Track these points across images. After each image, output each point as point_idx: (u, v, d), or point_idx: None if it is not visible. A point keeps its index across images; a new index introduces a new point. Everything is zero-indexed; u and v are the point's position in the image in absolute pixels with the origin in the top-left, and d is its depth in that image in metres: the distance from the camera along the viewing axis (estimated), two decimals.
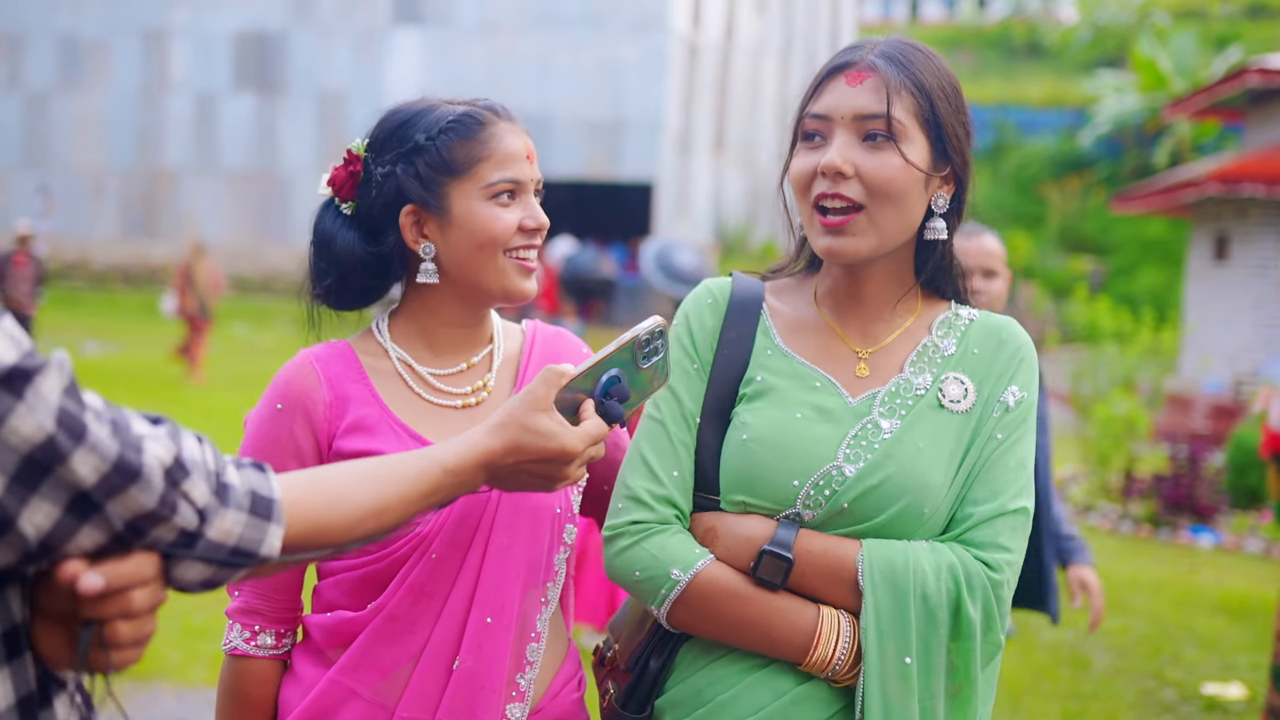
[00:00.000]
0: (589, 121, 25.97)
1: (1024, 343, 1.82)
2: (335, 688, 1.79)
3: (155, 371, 15.70)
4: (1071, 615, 7.31)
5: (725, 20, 28.98)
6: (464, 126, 1.80)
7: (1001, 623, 1.68)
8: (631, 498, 1.75)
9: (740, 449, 1.74)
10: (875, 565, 1.66)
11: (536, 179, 1.84)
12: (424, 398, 1.85)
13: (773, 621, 1.69)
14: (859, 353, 1.80)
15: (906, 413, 1.75)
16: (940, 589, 1.65)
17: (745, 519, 1.73)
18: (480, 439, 1.50)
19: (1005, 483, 1.72)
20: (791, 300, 1.87)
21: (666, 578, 1.70)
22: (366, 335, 1.91)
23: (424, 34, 26.90)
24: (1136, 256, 30.97)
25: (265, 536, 1.26)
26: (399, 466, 1.46)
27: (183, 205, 28.17)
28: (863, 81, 1.71)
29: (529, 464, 1.50)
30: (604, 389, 1.54)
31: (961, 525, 1.71)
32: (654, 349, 1.57)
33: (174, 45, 28.29)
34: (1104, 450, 10.97)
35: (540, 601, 1.85)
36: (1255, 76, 15.99)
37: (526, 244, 1.82)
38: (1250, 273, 16.34)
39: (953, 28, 49.57)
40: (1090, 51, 42.49)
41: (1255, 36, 38.04)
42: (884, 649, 1.65)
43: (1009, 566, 1.68)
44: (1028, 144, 35.73)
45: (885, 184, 1.69)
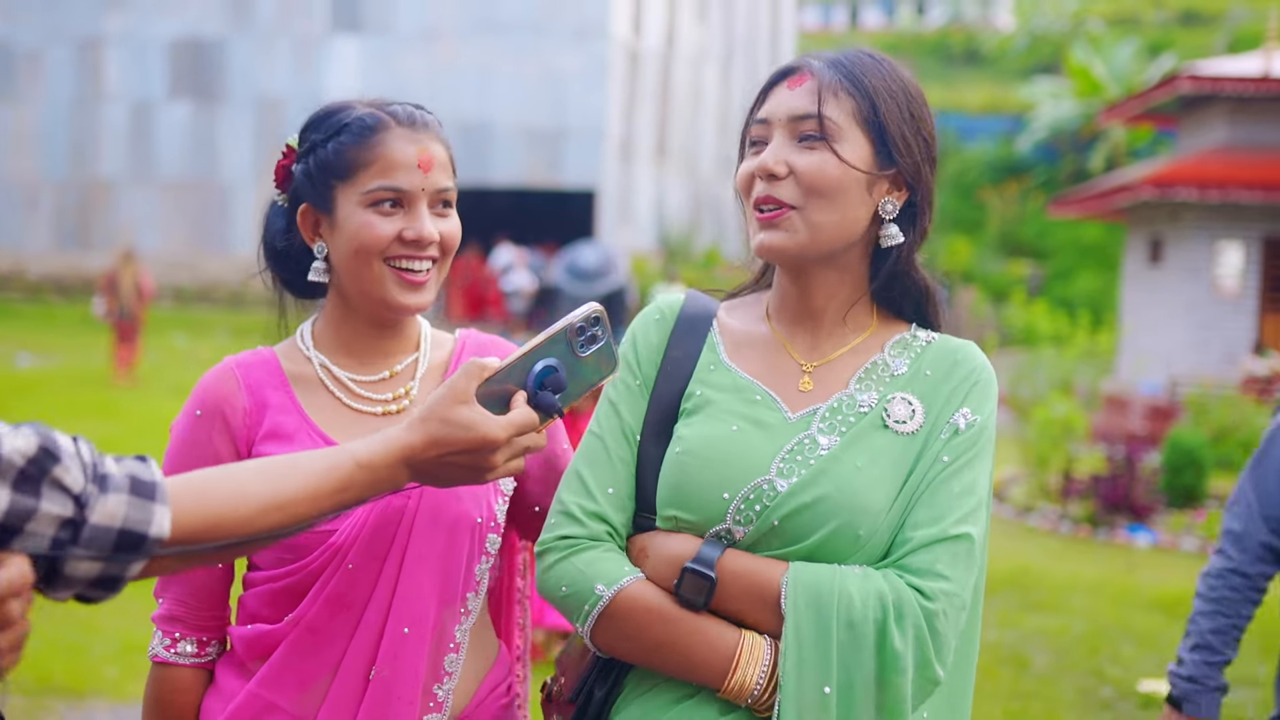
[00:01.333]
0: (530, 129, 25.94)
1: (980, 365, 1.75)
2: (255, 700, 1.77)
3: (91, 383, 15.47)
4: (1012, 615, 7.38)
5: (666, 28, 29.06)
6: (355, 130, 1.77)
7: (939, 656, 1.59)
8: (564, 513, 1.72)
9: (674, 462, 1.71)
10: (799, 587, 1.60)
11: (435, 189, 1.78)
12: (345, 404, 1.83)
13: (692, 643, 1.64)
14: (804, 365, 1.76)
15: (847, 430, 1.69)
16: (866, 616, 1.57)
17: (673, 537, 1.69)
18: (398, 434, 1.48)
19: (948, 507, 1.63)
20: (743, 315, 1.84)
21: (591, 593, 1.66)
22: (291, 342, 1.89)
23: (363, 42, 26.75)
24: (1074, 260, 31.42)
25: (152, 516, 1.25)
26: (306, 460, 1.44)
27: (119, 215, 27.79)
28: (801, 84, 1.72)
29: (452, 456, 1.47)
30: (538, 380, 1.50)
31: (899, 551, 1.63)
32: (592, 336, 1.52)
33: (108, 53, 27.92)
34: (1042, 452, 11.10)
35: (459, 612, 1.82)
36: (1187, 83, 16.27)
37: (408, 255, 1.76)
38: (1184, 275, 16.61)
39: (892, 35, 50.04)
40: (1027, 58, 43.09)
41: (1188, 43, 38.74)
42: (803, 676, 1.58)
43: (945, 596, 1.59)
44: (967, 150, 36.16)
45: (817, 181, 1.67)
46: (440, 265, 1.81)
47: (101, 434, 11.92)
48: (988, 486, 1.69)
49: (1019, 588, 8.01)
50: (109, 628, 6.02)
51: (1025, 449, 11.50)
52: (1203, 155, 16.97)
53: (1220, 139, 16.86)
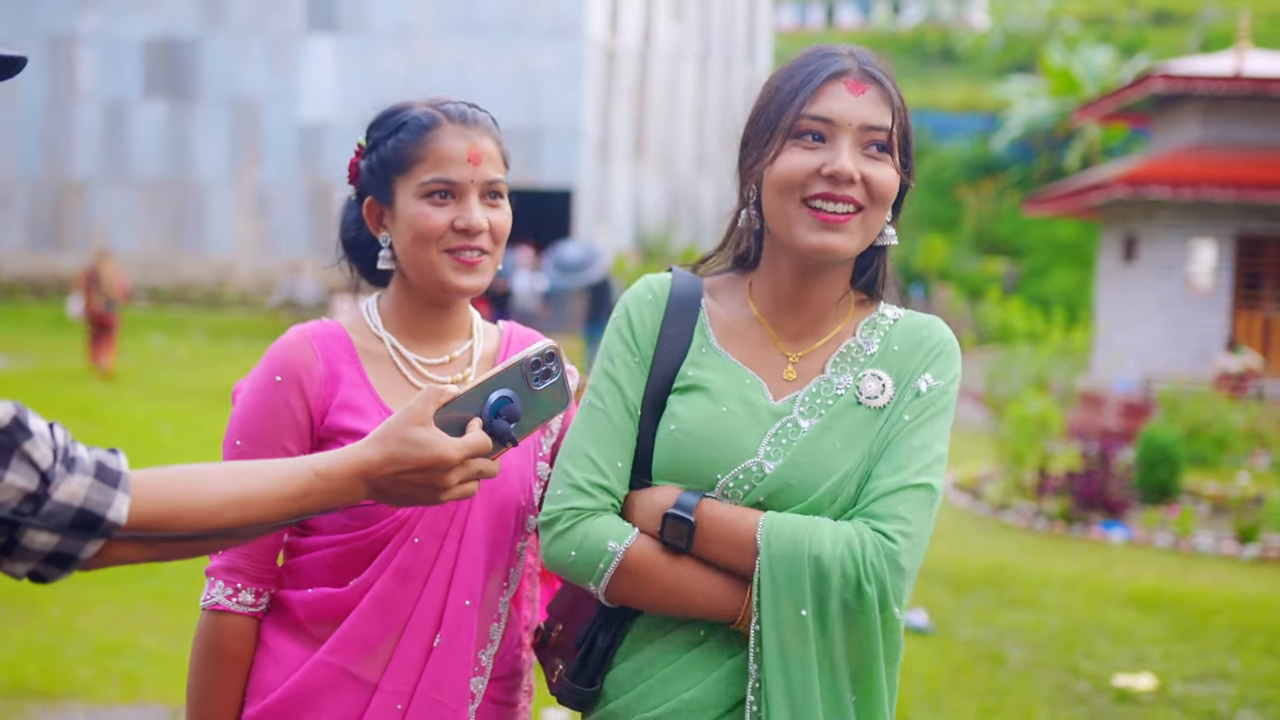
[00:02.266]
0: (507, 128, 24.95)
1: (945, 337, 1.88)
2: (323, 668, 1.86)
3: (67, 383, 15.39)
4: (987, 612, 7.42)
5: (643, 27, 29.07)
6: (411, 128, 1.92)
7: (897, 595, 1.71)
8: (573, 485, 1.82)
9: (669, 438, 1.82)
10: (772, 529, 1.73)
11: (484, 180, 1.91)
12: (412, 383, 1.95)
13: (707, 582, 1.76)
14: (789, 356, 1.87)
15: (826, 412, 1.81)
16: (834, 555, 1.69)
17: (657, 490, 1.81)
18: (356, 449, 1.52)
19: (909, 459, 1.77)
20: (727, 302, 1.92)
21: (604, 551, 1.77)
22: (358, 319, 2.01)
23: (339, 41, 26.67)
24: (1049, 258, 31.58)
25: (112, 501, 1.31)
26: (267, 465, 1.50)
27: (93, 215, 27.64)
28: (864, 92, 1.79)
29: (407, 474, 1.51)
30: (493, 409, 1.54)
31: (864, 500, 1.76)
32: (547, 371, 1.57)
33: (82, 52, 27.76)
34: (1018, 449, 11.15)
35: (503, 585, 1.98)
36: (1160, 82, 16.39)
37: (463, 244, 1.90)
38: (1158, 273, 16.73)
39: (868, 34, 50.18)
40: (1002, 57, 43.30)
41: (1161, 43, 39.01)
42: (779, 602, 1.70)
43: (905, 537, 1.72)
44: (943, 148, 36.32)
45: (885, 192, 1.78)
46: (493, 252, 1.94)
47: (79, 434, 11.79)
48: (946, 445, 1.82)
49: (994, 584, 8.05)
50: (83, 629, 6.00)
51: (1001, 446, 11.55)
52: (1175, 154, 17.09)
53: (1193, 137, 16.98)
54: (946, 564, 8.35)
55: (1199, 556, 9.44)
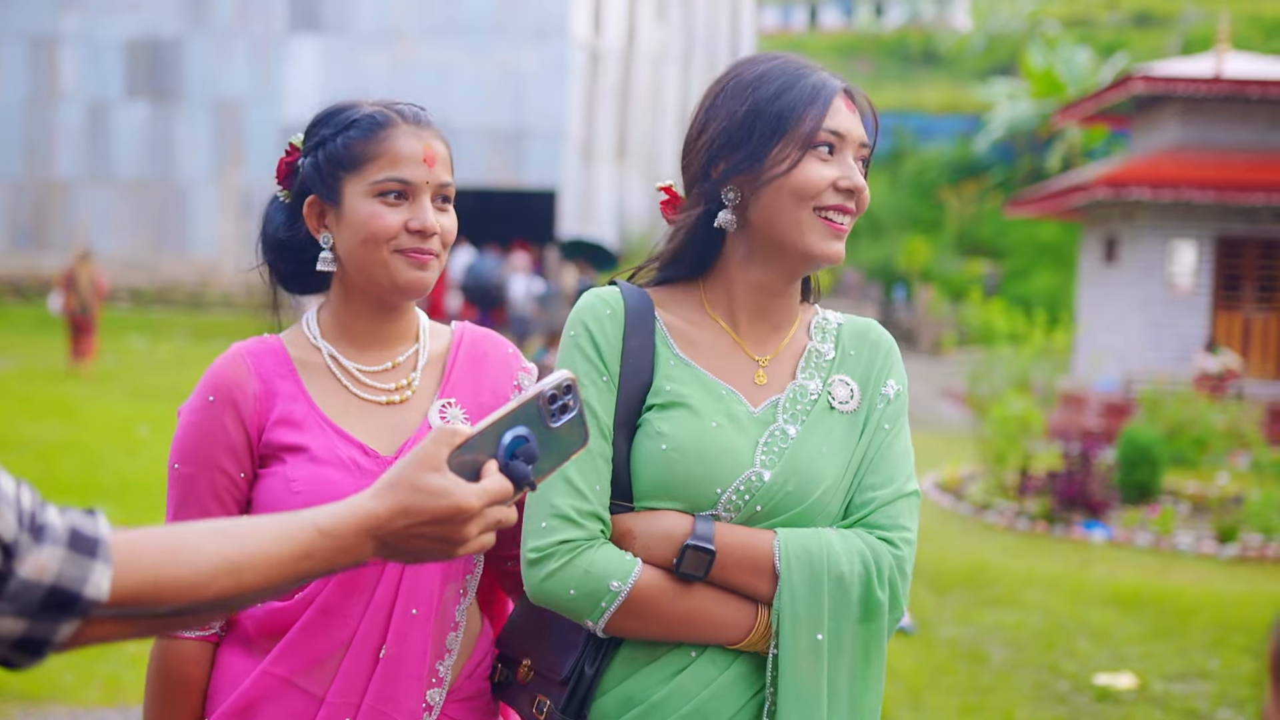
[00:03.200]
0: (491, 129, 25.89)
1: (890, 340, 1.97)
2: (267, 678, 1.83)
3: (49, 384, 15.33)
4: (969, 611, 7.46)
5: (626, 28, 29.09)
6: (364, 126, 1.88)
7: (905, 598, 1.81)
8: (559, 516, 1.76)
9: (660, 458, 1.79)
10: (790, 550, 1.76)
11: (438, 183, 1.88)
12: (352, 392, 1.91)
13: (716, 609, 1.77)
14: (757, 360, 1.88)
15: (807, 417, 1.85)
16: (853, 572, 1.76)
17: (661, 516, 1.79)
18: (363, 501, 1.34)
19: (897, 468, 1.85)
20: (681, 311, 1.91)
21: (605, 590, 1.73)
22: (297, 330, 1.97)
23: (323, 41, 26.62)
24: (1030, 259, 31.69)
25: (89, 575, 1.14)
26: (264, 523, 1.32)
27: (75, 216, 27.51)
28: (855, 110, 1.88)
29: (421, 526, 1.34)
30: (509, 450, 1.38)
31: (863, 510, 1.83)
32: (564, 405, 1.42)
33: (64, 52, 27.63)
34: (1000, 449, 11.20)
35: (460, 592, 1.92)
36: (1140, 83, 16.47)
37: (415, 246, 1.86)
38: (1138, 274, 16.81)
39: (851, 35, 50.30)
40: (984, 59, 43.43)
41: (1142, 45, 39.17)
42: (798, 627, 1.74)
43: (908, 544, 1.82)
44: (925, 150, 36.40)
45: (867, 203, 1.88)
46: (441, 257, 1.90)
47: (60, 435, 11.80)
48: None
49: (975, 584, 8.09)
50: None
51: (982, 446, 11.60)
52: (1156, 155, 17.18)
53: (1173, 139, 17.07)
54: (928, 564, 8.38)
55: (1179, 556, 9.50)
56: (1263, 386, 15.97)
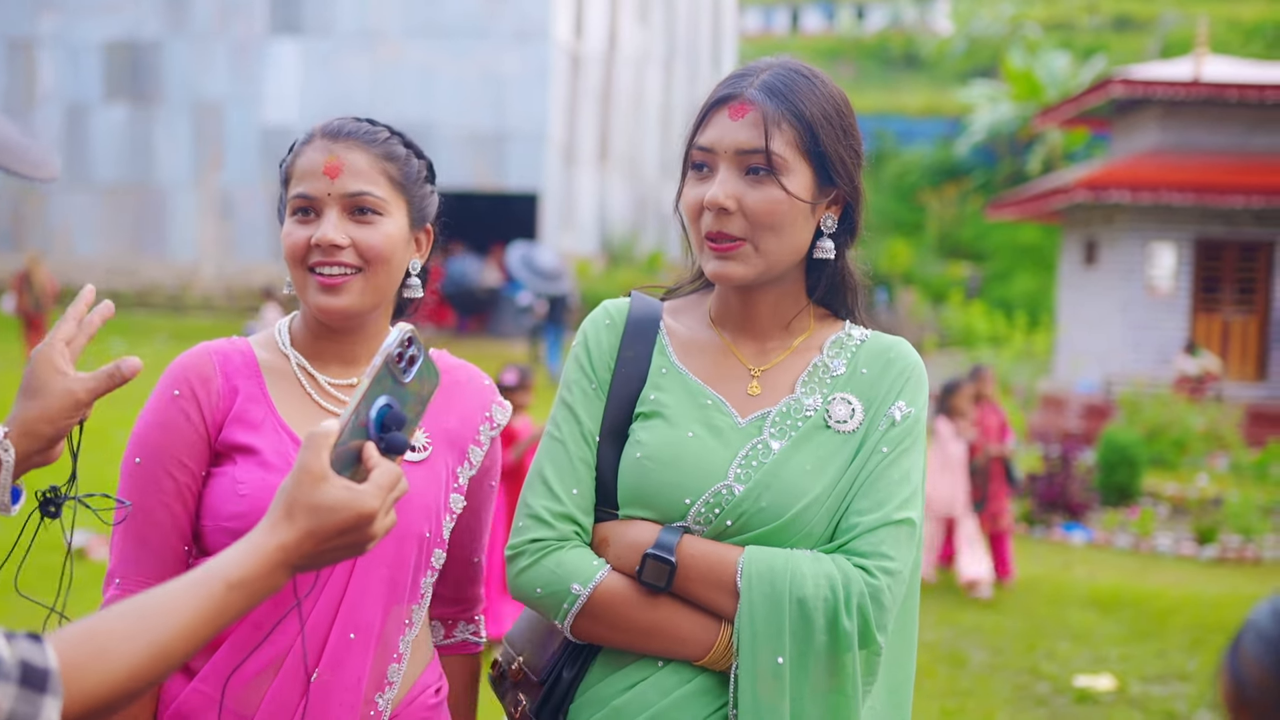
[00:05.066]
0: (473, 132, 25.85)
1: (912, 361, 1.86)
2: (196, 696, 1.78)
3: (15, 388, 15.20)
4: (949, 614, 7.47)
5: (608, 31, 29.08)
6: (293, 147, 1.88)
7: (879, 624, 1.70)
8: (532, 516, 1.80)
9: (635, 466, 1.79)
10: (753, 568, 1.70)
11: (344, 193, 1.82)
12: (315, 400, 1.88)
13: (678, 622, 1.74)
14: (752, 370, 1.85)
15: (795, 433, 1.79)
16: (817, 595, 1.68)
17: (633, 525, 1.78)
18: (265, 539, 1.32)
19: (889, 494, 1.75)
20: (687, 320, 1.91)
21: (567, 592, 1.74)
22: (268, 336, 1.95)
23: (303, 44, 26.53)
24: (1011, 262, 31.79)
25: (40, 712, 1.12)
26: (175, 593, 1.28)
27: (54, 219, 27.37)
28: (744, 115, 1.75)
29: (330, 540, 1.34)
30: (378, 424, 1.39)
31: (845, 535, 1.74)
32: (411, 358, 1.42)
33: (41, 55, 27.47)
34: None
35: (404, 624, 1.86)
36: (1119, 87, 16.53)
37: (320, 260, 1.81)
38: (1118, 276, 16.87)
39: (833, 39, 50.39)
40: (965, 62, 43.55)
41: (1121, 48, 39.35)
42: (757, 648, 1.68)
43: (888, 574, 1.70)
44: (906, 152, 36.49)
45: (766, 217, 1.74)
46: (367, 273, 1.83)
47: None
48: (922, 473, 1.81)
49: (955, 586, 8.10)
50: None
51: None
52: (1135, 158, 17.25)
53: (1152, 142, 17.15)
54: None
55: (1158, 557, 9.53)
56: (1242, 389, 16.05)
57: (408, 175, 1.88)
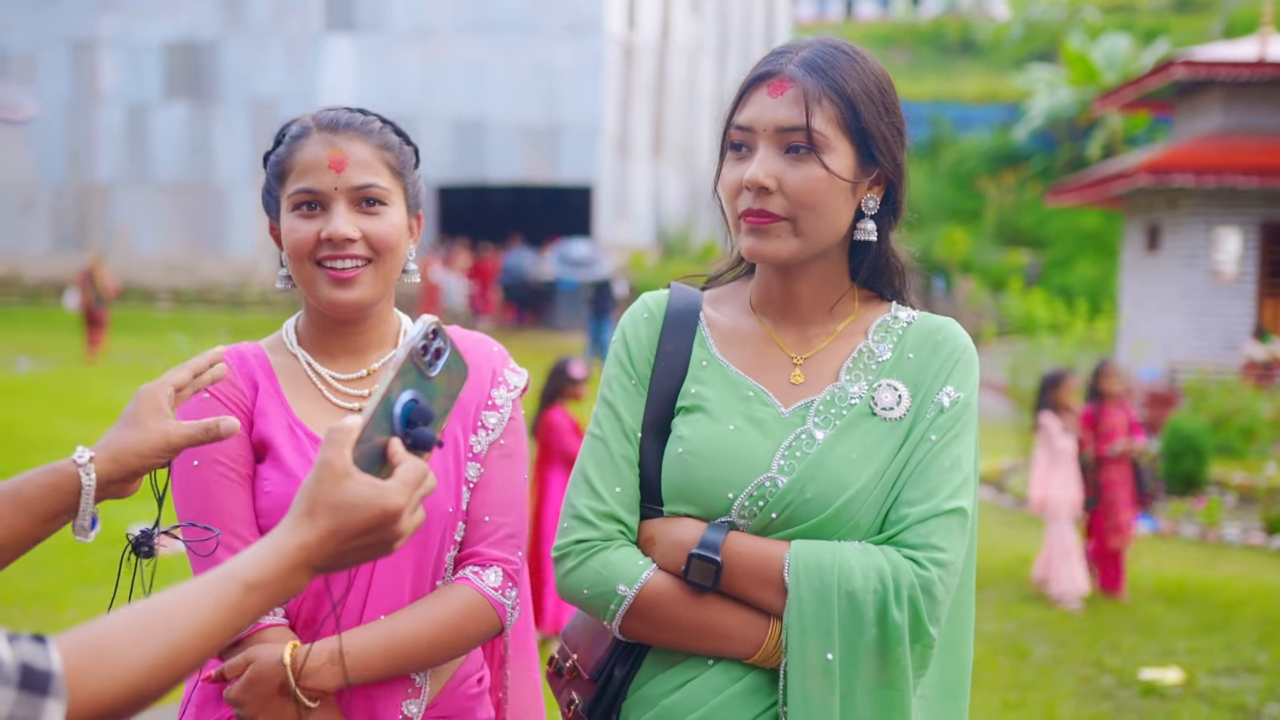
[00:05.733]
0: (526, 125, 25.89)
1: (961, 344, 1.80)
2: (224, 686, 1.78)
3: (88, 385, 15.45)
4: (1011, 605, 7.36)
5: (660, 22, 29.02)
6: (285, 140, 1.88)
7: (932, 617, 1.66)
8: (576, 517, 1.78)
9: (677, 462, 1.76)
10: (801, 563, 1.67)
11: (351, 186, 1.83)
12: (327, 398, 1.89)
13: (726, 620, 1.71)
14: (794, 358, 1.81)
15: (840, 422, 1.74)
16: (866, 588, 1.64)
17: (679, 523, 1.75)
18: (286, 537, 1.28)
19: (940, 483, 1.70)
20: (728, 309, 1.88)
21: (614, 593, 1.72)
22: (277, 337, 1.96)
23: (357, 40, 26.71)
24: (1072, 248, 31.38)
25: (41, 715, 1.08)
26: (189, 593, 1.24)
27: (116, 218, 27.78)
28: (784, 93, 1.71)
29: (354, 539, 1.29)
30: (404, 420, 1.35)
31: (896, 526, 1.70)
32: (437, 350, 1.38)
33: (103, 56, 27.88)
34: None
35: None
36: (1181, 69, 16.24)
37: (331, 254, 1.82)
38: (1182, 262, 16.59)
39: (888, 25, 49.95)
40: (1022, 47, 43.02)
41: (1183, 29, 38.68)
42: (806, 645, 1.65)
43: (940, 566, 1.66)
44: (964, 139, 36.11)
45: (808, 196, 1.70)
46: (377, 264, 1.84)
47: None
48: (974, 460, 1.76)
49: (1018, 578, 7.99)
50: None
51: (1023, 438, 11.46)
52: (1199, 141, 16.94)
53: (1216, 125, 16.83)
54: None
55: (1226, 547, 9.35)
56: None
57: (404, 163, 1.91)
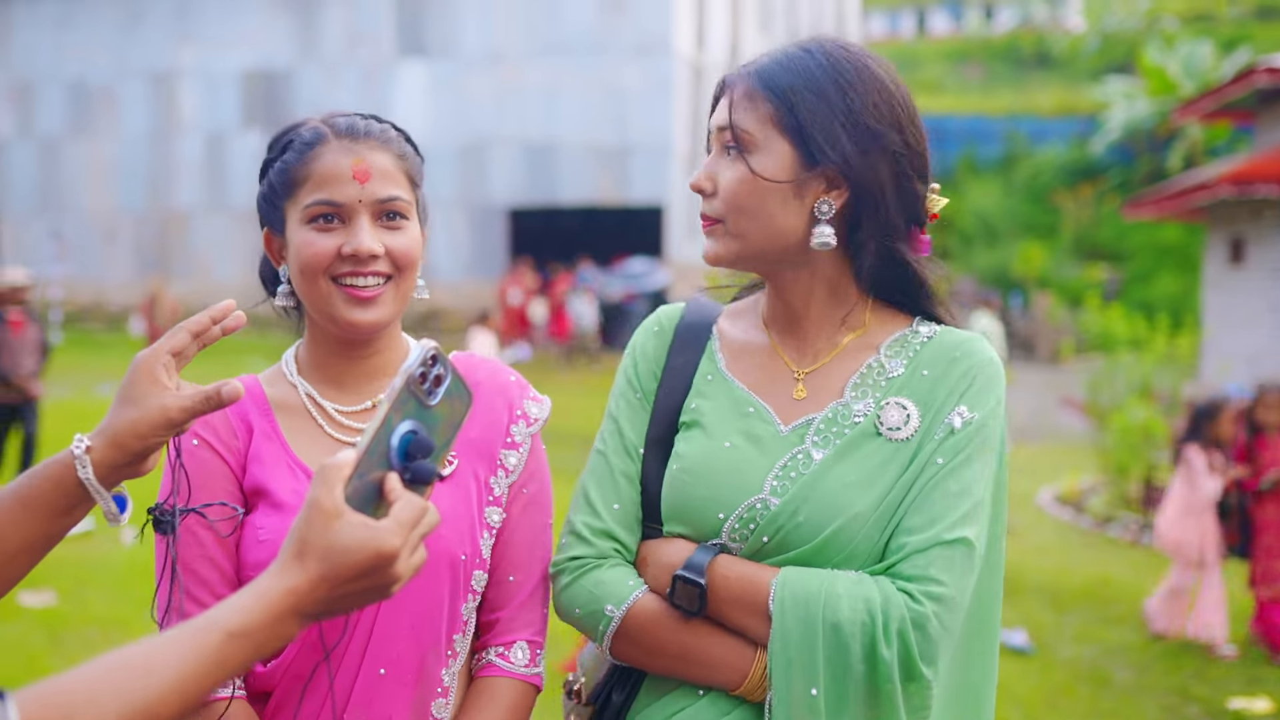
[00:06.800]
0: (596, 147, 25.96)
1: (981, 360, 1.68)
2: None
3: None
4: (1091, 630, 7.15)
5: (729, 41, 28.99)
6: (296, 146, 1.73)
7: (925, 658, 1.53)
8: (573, 533, 1.73)
9: (673, 479, 1.70)
10: (787, 590, 1.57)
11: (375, 199, 1.69)
12: (328, 433, 1.75)
13: (709, 647, 1.63)
14: (796, 372, 1.73)
15: (840, 441, 1.65)
16: (854, 620, 1.53)
17: (670, 543, 1.69)
18: (272, 586, 1.18)
19: (944, 510, 1.58)
20: (743, 323, 1.82)
21: (602, 614, 1.67)
22: (276, 369, 1.83)
23: (429, 66, 26.97)
24: (1152, 262, 30.79)
25: None
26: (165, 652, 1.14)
27: (195, 245, 28.26)
28: (729, 95, 1.70)
29: (347, 585, 1.20)
30: (402, 453, 1.24)
31: (893, 555, 1.58)
32: (437, 377, 1.28)
33: (182, 86, 28.44)
34: (1122, 460, 10.82)
35: (445, 654, 1.72)
36: (1264, 76, 15.85)
37: (351, 270, 1.68)
38: (1267, 275, 16.18)
39: (960, 40, 49.56)
40: (1099, 59, 42.42)
41: (1265, 38, 37.87)
42: (791, 679, 1.55)
43: (935, 600, 1.54)
44: (1039, 153, 35.62)
45: (733, 197, 1.66)
46: (398, 281, 1.72)
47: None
48: (987, 486, 1.63)
49: (1098, 601, 7.78)
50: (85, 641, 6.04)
51: (1104, 457, 11.22)
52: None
53: None
54: (1047, 580, 8.09)
55: None
56: None
57: (418, 174, 1.80)
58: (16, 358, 9.87)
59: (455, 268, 25.62)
